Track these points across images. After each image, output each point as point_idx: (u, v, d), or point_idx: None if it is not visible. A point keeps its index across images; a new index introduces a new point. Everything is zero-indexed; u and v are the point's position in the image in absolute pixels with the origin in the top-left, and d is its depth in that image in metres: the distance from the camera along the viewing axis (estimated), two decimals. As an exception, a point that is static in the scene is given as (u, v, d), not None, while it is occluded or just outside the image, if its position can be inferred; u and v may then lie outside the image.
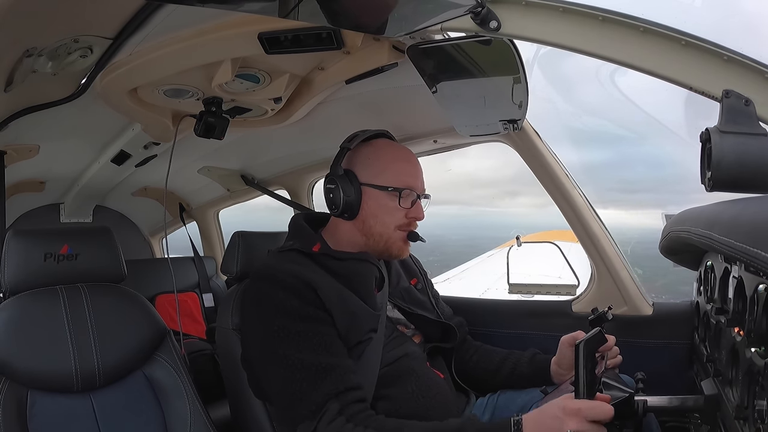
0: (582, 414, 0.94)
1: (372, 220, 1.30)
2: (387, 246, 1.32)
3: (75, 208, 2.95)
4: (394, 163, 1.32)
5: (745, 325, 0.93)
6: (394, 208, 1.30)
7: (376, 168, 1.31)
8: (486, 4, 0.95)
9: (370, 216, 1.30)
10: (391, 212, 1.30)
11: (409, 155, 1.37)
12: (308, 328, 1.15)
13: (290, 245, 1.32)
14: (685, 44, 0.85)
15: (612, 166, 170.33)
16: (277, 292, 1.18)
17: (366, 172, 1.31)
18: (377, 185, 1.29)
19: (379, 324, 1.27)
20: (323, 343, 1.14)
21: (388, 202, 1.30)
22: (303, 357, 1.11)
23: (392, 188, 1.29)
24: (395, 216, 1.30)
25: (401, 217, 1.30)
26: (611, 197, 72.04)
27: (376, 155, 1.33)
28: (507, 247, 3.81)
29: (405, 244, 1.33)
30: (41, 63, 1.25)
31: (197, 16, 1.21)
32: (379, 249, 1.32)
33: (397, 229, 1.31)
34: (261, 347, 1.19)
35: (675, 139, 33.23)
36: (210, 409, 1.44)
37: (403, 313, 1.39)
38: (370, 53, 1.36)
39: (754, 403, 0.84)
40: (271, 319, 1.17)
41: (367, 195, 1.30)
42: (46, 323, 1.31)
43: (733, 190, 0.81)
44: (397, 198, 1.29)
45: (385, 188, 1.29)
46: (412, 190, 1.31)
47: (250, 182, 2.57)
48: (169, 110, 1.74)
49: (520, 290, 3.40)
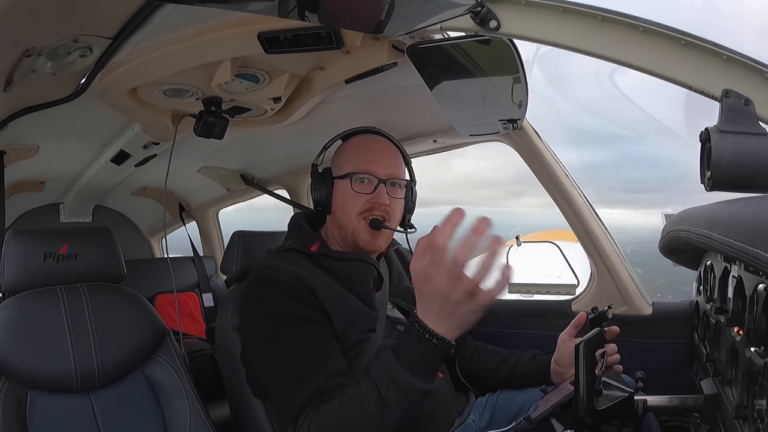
0: (432, 244, 0.91)
1: (339, 210, 1.33)
2: (354, 237, 1.31)
3: (74, 207, 2.95)
4: (354, 151, 1.35)
5: (744, 325, 0.93)
6: (354, 195, 1.31)
7: (341, 160, 1.35)
8: (486, 3, 0.95)
9: (338, 207, 1.33)
10: (352, 199, 1.31)
11: (373, 142, 1.37)
12: (303, 329, 1.15)
13: (289, 245, 1.33)
14: (685, 44, 0.85)
15: (612, 166, 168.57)
16: (276, 294, 1.19)
17: (335, 167, 1.35)
18: (339, 175, 1.33)
19: (377, 324, 1.27)
20: (317, 344, 1.15)
21: (349, 190, 1.31)
22: (296, 358, 1.12)
23: (345, 174, 1.31)
24: (356, 202, 1.30)
25: (361, 203, 1.30)
26: (613, 197, 71.97)
27: (343, 149, 1.38)
28: (506, 246, 3.80)
29: (372, 236, 1.31)
30: (41, 63, 1.25)
31: (197, 15, 1.21)
32: (350, 242, 1.33)
33: (359, 217, 1.30)
34: (258, 347, 1.20)
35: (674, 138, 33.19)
36: (210, 409, 1.44)
37: (403, 312, 1.39)
38: (370, 53, 1.36)
39: (754, 402, 0.84)
40: (269, 320, 1.18)
41: (335, 188, 1.34)
42: (46, 323, 1.31)
43: (732, 189, 0.81)
44: (352, 183, 1.30)
45: (344, 176, 1.32)
46: (371, 174, 1.31)
47: (250, 182, 2.57)
48: (169, 110, 1.74)
49: (519, 290, 3.39)
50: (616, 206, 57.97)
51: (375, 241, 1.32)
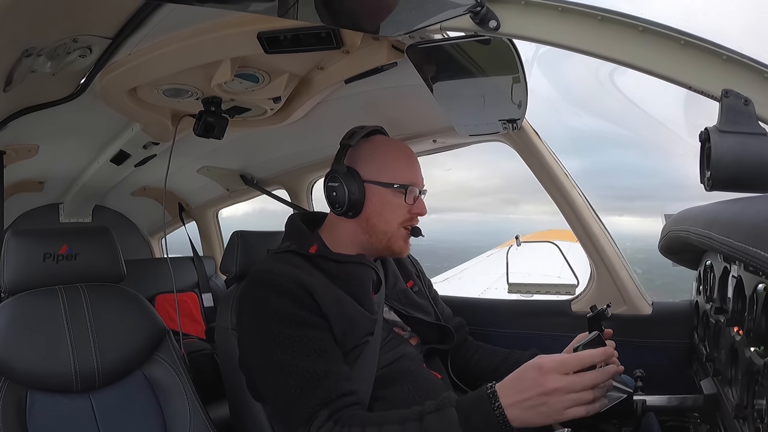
0: (563, 368, 0.92)
1: (376, 218, 1.29)
2: (389, 244, 1.31)
3: (74, 208, 2.95)
4: (397, 159, 1.32)
5: (744, 325, 0.93)
6: (398, 205, 1.29)
7: (380, 165, 1.30)
8: (485, 3, 0.95)
9: (374, 214, 1.29)
10: (396, 209, 1.29)
11: (410, 151, 1.37)
12: (303, 334, 1.13)
13: (287, 246, 1.31)
14: (685, 44, 0.85)
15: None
16: (273, 297, 1.16)
17: (369, 169, 1.29)
18: (382, 182, 1.28)
19: (375, 327, 1.26)
20: (318, 349, 1.13)
21: (392, 199, 1.29)
22: (297, 363, 1.10)
23: (398, 185, 1.28)
24: (399, 213, 1.29)
25: (405, 214, 1.30)
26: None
27: (378, 152, 1.32)
28: (506, 247, 3.81)
29: (406, 242, 1.33)
30: (40, 63, 1.25)
31: (196, 15, 1.21)
32: (381, 247, 1.32)
33: (400, 227, 1.30)
34: (257, 352, 1.18)
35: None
36: (209, 409, 1.44)
37: (399, 315, 1.39)
38: (370, 53, 1.36)
39: (754, 402, 0.84)
40: (267, 325, 1.15)
41: (371, 192, 1.29)
42: (46, 323, 1.31)
43: (732, 189, 0.81)
44: (403, 195, 1.29)
45: (390, 185, 1.28)
46: (415, 186, 1.31)
47: (250, 182, 2.57)
48: (169, 110, 1.74)
49: (519, 290, 3.39)
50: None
51: (408, 247, 1.35)
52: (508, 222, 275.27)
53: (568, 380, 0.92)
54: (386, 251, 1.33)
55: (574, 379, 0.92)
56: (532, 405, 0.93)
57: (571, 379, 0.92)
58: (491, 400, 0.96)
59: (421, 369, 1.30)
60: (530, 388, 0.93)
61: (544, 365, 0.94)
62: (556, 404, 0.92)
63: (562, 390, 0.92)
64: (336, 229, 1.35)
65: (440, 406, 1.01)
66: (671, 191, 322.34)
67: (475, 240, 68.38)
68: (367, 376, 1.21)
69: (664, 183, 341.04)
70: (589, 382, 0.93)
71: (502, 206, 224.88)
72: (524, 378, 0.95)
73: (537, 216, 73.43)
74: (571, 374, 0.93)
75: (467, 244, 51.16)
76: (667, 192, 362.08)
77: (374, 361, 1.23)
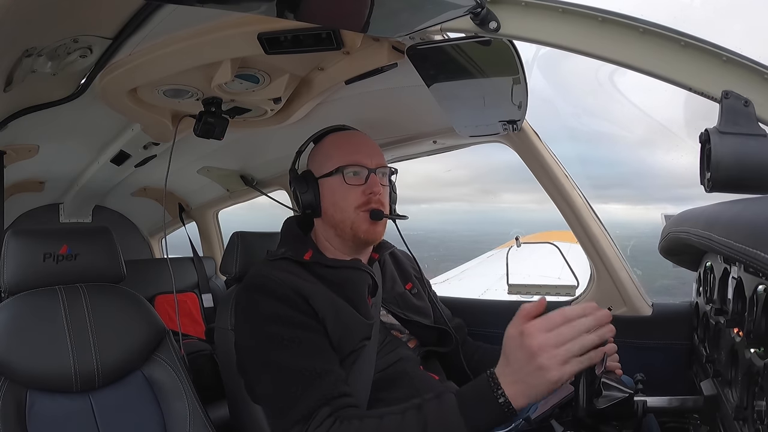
0: (547, 324, 0.86)
1: (332, 208, 1.30)
2: (354, 231, 1.29)
3: (74, 208, 2.95)
4: (338, 147, 1.33)
5: (744, 326, 0.93)
6: (347, 189, 1.29)
7: (323, 157, 1.33)
8: (485, 4, 0.95)
9: (330, 205, 1.31)
10: (345, 194, 1.29)
11: (352, 135, 1.37)
12: (301, 335, 1.13)
13: (282, 253, 1.30)
14: (685, 45, 0.85)
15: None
16: (269, 300, 1.16)
17: (317, 166, 1.33)
18: (326, 173, 1.31)
19: (372, 331, 1.26)
20: (315, 350, 1.13)
21: (340, 186, 1.29)
22: (296, 362, 1.10)
23: (335, 170, 1.29)
24: (350, 197, 1.28)
25: (357, 196, 1.28)
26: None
27: (320, 147, 1.37)
28: (506, 247, 3.80)
29: (372, 225, 1.29)
30: (41, 63, 1.25)
31: (197, 16, 1.21)
32: (348, 237, 1.30)
33: (357, 210, 1.29)
34: (254, 354, 1.17)
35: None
36: (209, 409, 1.44)
37: (397, 318, 1.38)
38: (370, 53, 1.36)
39: (754, 403, 0.84)
40: (263, 326, 1.15)
41: (323, 187, 1.31)
42: (46, 323, 1.31)
43: (732, 190, 0.81)
44: (348, 177, 1.28)
45: (332, 172, 1.30)
46: (361, 165, 1.29)
47: (250, 182, 2.57)
48: (169, 110, 1.74)
49: (519, 291, 3.39)
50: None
51: (376, 230, 1.31)
52: (495, 212, 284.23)
53: (553, 333, 0.85)
54: (356, 240, 1.31)
55: (560, 330, 0.85)
56: (529, 372, 0.86)
57: (558, 331, 0.85)
58: (492, 384, 0.91)
59: (418, 371, 1.30)
60: (518, 356, 0.87)
61: (524, 329, 0.88)
62: (550, 363, 0.84)
63: (550, 344, 0.85)
64: (318, 232, 1.37)
65: (439, 394, 0.99)
66: (640, 180, 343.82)
67: (465, 230, 68.61)
68: (365, 379, 1.21)
69: (632, 172, 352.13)
70: (577, 330, 0.85)
71: (482, 196, 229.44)
72: (509, 349, 0.90)
73: (524, 205, 73.99)
74: (557, 327, 0.86)
75: (456, 234, 51.24)
76: (637, 181, 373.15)
77: (371, 365, 1.23)
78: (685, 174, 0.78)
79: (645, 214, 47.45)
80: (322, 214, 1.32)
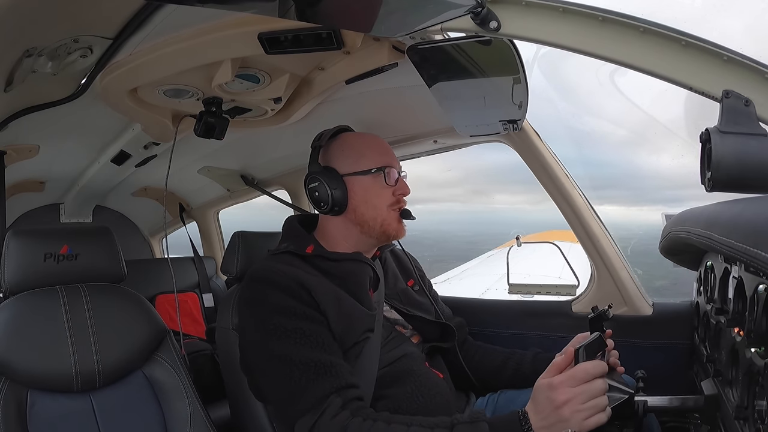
0: (572, 381, 0.96)
1: (363, 206, 1.32)
2: (383, 229, 1.33)
3: (75, 208, 2.95)
4: (369, 147, 1.36)
5: (745, 326, 0.93)
6: (381, 188, 1.33)
7: (354, 156, 1.34)
8: (486, 4, 0.95)
9: (360, 203, 1.32)
10: (380, 193, 1.32)
11: (380, 140, 1.41)
12: (305, 326, 1.14)
13: (284, 247, 1.33)
14: (685, 44, 0.85)
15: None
16: (273, 292, 1.18)
17: (344, 163, 1.34)
18: (359, 171, 1.32)
19: (375, 324, 1.27)
20: (320, 342, 1.14)
21: (374, 185, 1.32)
22: (301, 354, 1.11)
23: (375, 169, 1.32)
24: (384, 196, 1.33)
25: (390, 196, 1.33)
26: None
27: (349, 145, 1.37)
28: (507, 247, 3.80)
29: (400, 224, 1.36)
30: (41, 63, 1.25)
31: (197, 16, 1.21)
32: (376, 234, 1.33)
33: (389, 209, 1.33)
34: (258, 347, 1.18)
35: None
36: (210, 409, 1.44)
37: (400, 314, 1.39)
38: (370, 53, 1.36)
39: (754, 403, 0.84)
40: (268, 318, 1.16)
41: (352, 184, 1.32)
42: (46, 323, 1.31)
43: (733, 190, 0.81)
44: (382, 177, 1.32)
45: (367, 171, 1.32)
46: (393, 167, 1.34)
47: (250, 182, 2.57)
48: (169, 110, 1.74)
49: (519, 290, 3.39)
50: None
51: (403, 229, 1.37)
52: (488, 212, 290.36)
53: (578, 390, 0.95)
54: (383, 237, 1.34)
55: (584, 387, 0.95)
56: (553, 422, 0.96)
57: (582, 388, 0.95)
58: (522, 422, 0.99)
59: (423, 368, 1.30)
60: (546, 406, 0.97)
61: (553, 381, 0.97)
62: (573, 416, 0.94)
63: (575, 400, 0.95)
64: (327, 229, 1.37)
65: (474, 419, 1.04)
66: (630, 181, 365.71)
67: (459, 230, 68.86)
68: (369, 374, 1.21)
69: (623, 173, 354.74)
70: (599, 388, 0.96)
71: (475, 197, 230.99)
72: (539, 398, 0.99)
73: (518, 205, 74.42)
74: (580, 384, 0.95)
75: (451, 234, 51.40)
76: (628, 181, 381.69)
77: (376, 359, 1.24)
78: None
79: (639, 215, 47.22)
80: (346, 212, 1.33)
